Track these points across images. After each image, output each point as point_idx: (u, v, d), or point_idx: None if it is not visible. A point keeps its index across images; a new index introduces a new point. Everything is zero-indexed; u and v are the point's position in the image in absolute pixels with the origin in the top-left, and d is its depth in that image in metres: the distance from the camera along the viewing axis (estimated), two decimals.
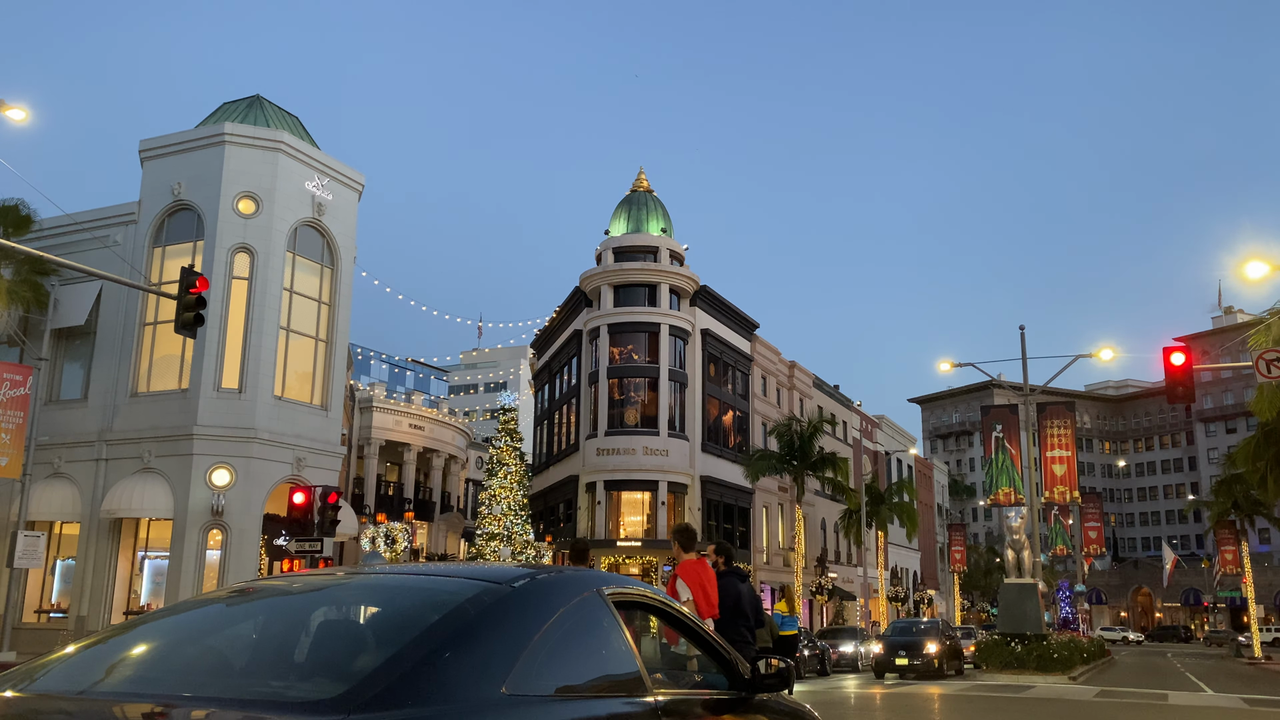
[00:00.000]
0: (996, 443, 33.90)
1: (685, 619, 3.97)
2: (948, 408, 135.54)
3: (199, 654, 3.12)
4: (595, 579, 3.48)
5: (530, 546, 38.74)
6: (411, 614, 2.97)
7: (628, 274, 48.07)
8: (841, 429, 67.80)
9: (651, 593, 3.85)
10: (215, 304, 26.01)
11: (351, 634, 3.15)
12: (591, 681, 3.13)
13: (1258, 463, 33.11)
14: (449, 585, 3.20)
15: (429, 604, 2.99)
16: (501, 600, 2.99)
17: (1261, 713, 18.23)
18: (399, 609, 3.14)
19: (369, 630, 3.12)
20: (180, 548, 26.05)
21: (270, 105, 31.45)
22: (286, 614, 3.31)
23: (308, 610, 3.30)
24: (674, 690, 3.71)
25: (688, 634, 3.98)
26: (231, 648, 3.15)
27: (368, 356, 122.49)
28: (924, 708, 18.24)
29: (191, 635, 3.29)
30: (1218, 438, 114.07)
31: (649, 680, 3.32)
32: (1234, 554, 51.16)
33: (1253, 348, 23.68)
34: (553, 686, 2.89)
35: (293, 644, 3.03)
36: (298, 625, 3.17)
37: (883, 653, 28.09)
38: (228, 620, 3.44)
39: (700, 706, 3.73)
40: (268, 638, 3.16)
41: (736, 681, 4.01)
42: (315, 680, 2.71)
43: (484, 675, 2.65)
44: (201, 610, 3.55)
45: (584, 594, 3.29)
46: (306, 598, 3.47)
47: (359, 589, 3.48)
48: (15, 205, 27.05)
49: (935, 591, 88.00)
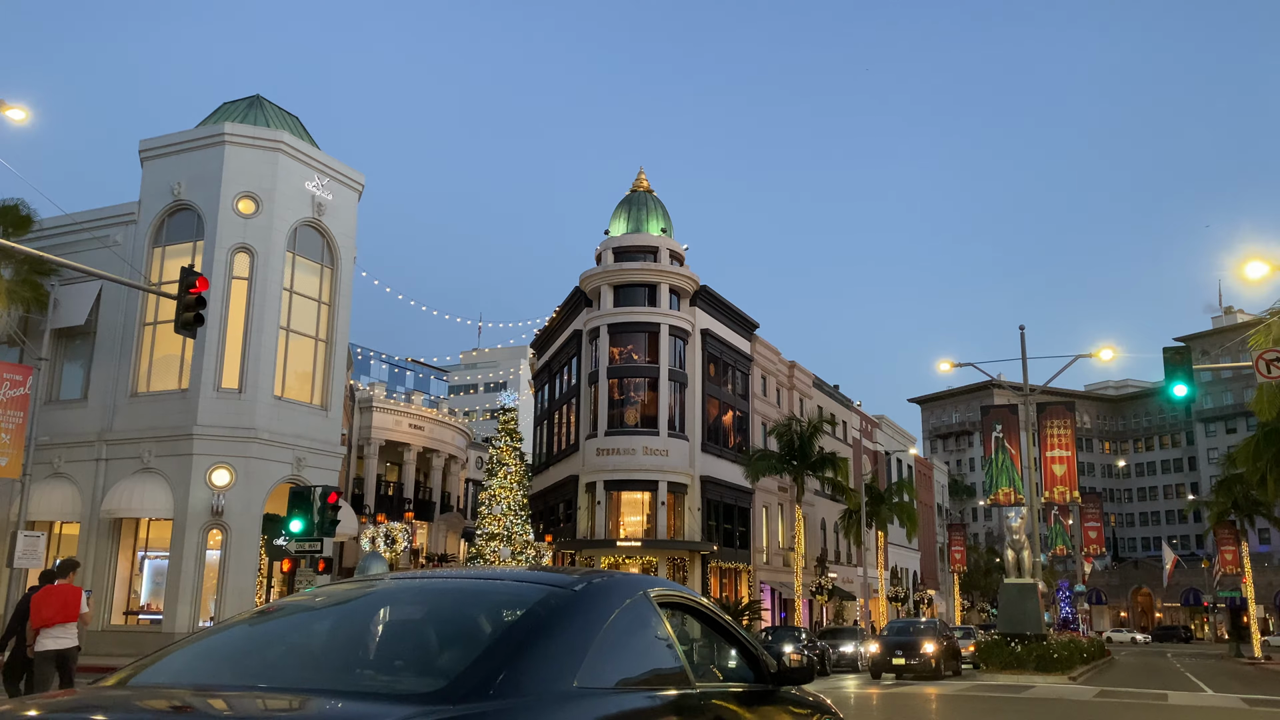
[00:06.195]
0: (996, 443, 33.89)
1: (718, 617, 4.28)
2: (948, 408, 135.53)
3: (309, 650, 3.44)
4: (643, 582, 3.79)
5: (530, 546, 38.71)
6: (492, 615, 3.32)
7: (628, 274, 48.07)
8: (841, 429, 67.81)
9: (688, 593, 4.15)
10: (215, 304, 26.00)
11: (443, 633, 3.42)
12: (646, 675, 3.45)
13: (1258, 463, 33.14)
14: (518, 589, 3.54)
15: (505, 606, 3.35)
16: (568, 602, 3.30)
17: (1261, 713, 18.24)
18: (481, 610, 3.46)
19: (458, 629, 3.40)
20: (180, 548, 26.05)
21: (270, 105, 31.45)
22: (380, 614, 3.64)
23: (400, 611, 3.65)
24: (712, 683, 4.00)
25: (720, 631, 4.30)
26: (336, 645, 3.47)
27: (368, 356, 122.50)
28: (923, 708, 18.24)
29: (299, 633, 3.63)
30: (1218, 438, 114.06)
31: (692, 673, 3.63)
32: (1234, 554, 51.15)
33: (1253, 348, 23.66)
34: (615, 680, 3.19)
35: (391, 642, 3.44)
36: (393, 624, 3.55)
37: (879, 653, 27.63)
38: (327, 620, 3.73)
39: (734, 698, 3.98)
40: (369, 636, 3.48)
41: (763, 675, 4.33)
42: (419, 674, 3.04)
43: (560, 670, 2.94)
44: (302, 610, 3.86)
45: (635, 595, 3.60)
46: (397, 599, 3.80)
47: (440, 591, 3.80)
48: (15, 205, 27.03)
49: (935, 591, 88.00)
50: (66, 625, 11.15)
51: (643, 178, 52.70)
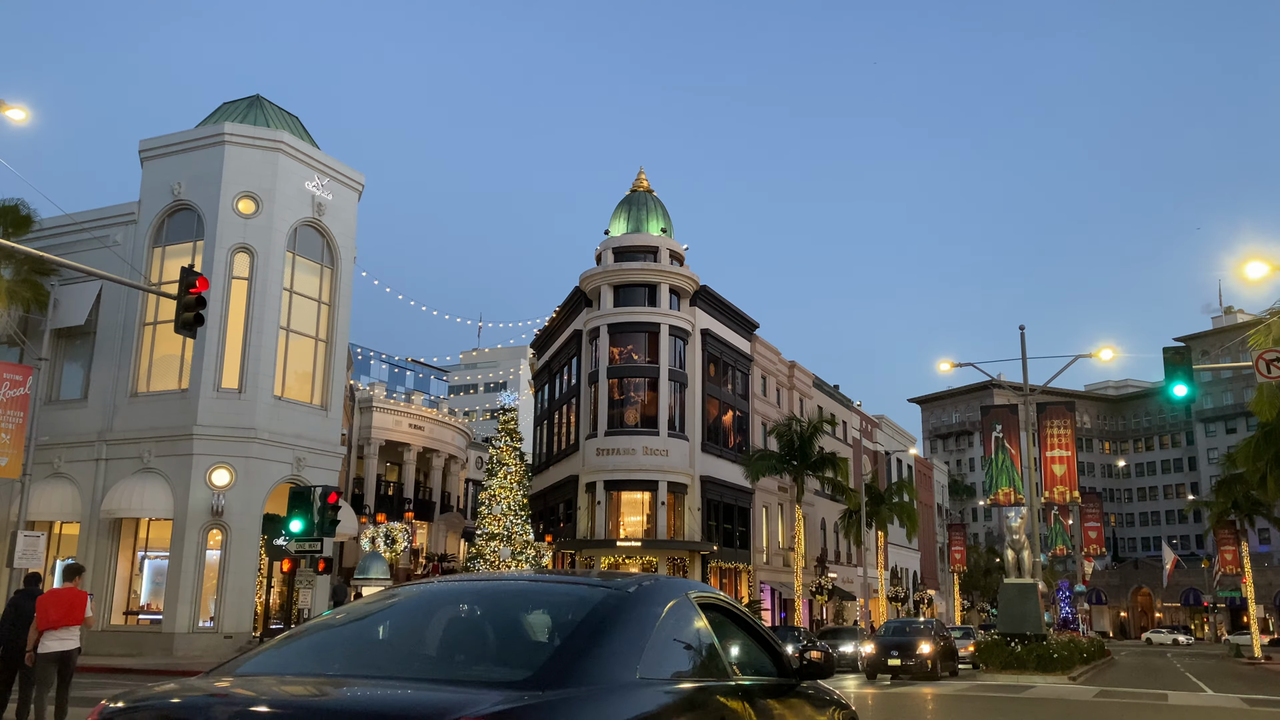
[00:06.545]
0: (996, 443, 33.88)
1: (747, 617, 4.79)
2: (948, 408, 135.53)
3: (406, 645, 3.83)
4: (684, 585, 4.26)
5: (530, 546, 38.72)
6: (562, 614, 3.74)
7: (628, 274, 48.07)
8: (841, 429, 67.79)
9: (721, 595, 4.62)
10: (215, 304, 26.01)
11: (522, 629, 3.83)
12: (693, 667, 3.90)
13: (1258, 463, 33.10)
14: (581, 592, 3.96)
15: (572, 606, 3.76)
16: (625, 603, 3.73)
17: (1261, 713, 18.24)
18: (551, 609, 3.91)
19: (534, 626, 3.81)
20: (180, 548, 26.06)
21: (270, 105, 31.44)
22: (462, 613, 4.04)
23: (480, 610, 4.04)
24: (746, 676, 4.42)
25: (748, 629, 4.78)
26: (430, 640, 3.84)
27: (368, 356, 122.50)
28: (924, 708, 18.25)
29: (392, 630, 3.99)
30: (1218, 438, 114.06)
31: (730, 667, 4.13)
32: (1234, 554, 51.13)
33: (1253, 348, 23.66)
34: (669, 671, 3.62)
35: (478, 637, 3.83)
36: (476, 621, 3.95)
37: (875, 653, 26.84)
38: (416, 617, 4.09)
39: (764, 690, 4.43)
40: (456, 632, 3.90)
41: (786, 670, 4.84)
42: (507, 665, 3.45)
43: (624, 662, 3.36)
44: (393, 607, 4.19)
45: (680, 596, 4.05)
46: (477, 598, 4.19)
47: (512, 593, 4.28)
48: (15, 205, 27.06)
49: (935, 591, 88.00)
50: (71, 628, 11.38)
51: (643, 178, 52.69)
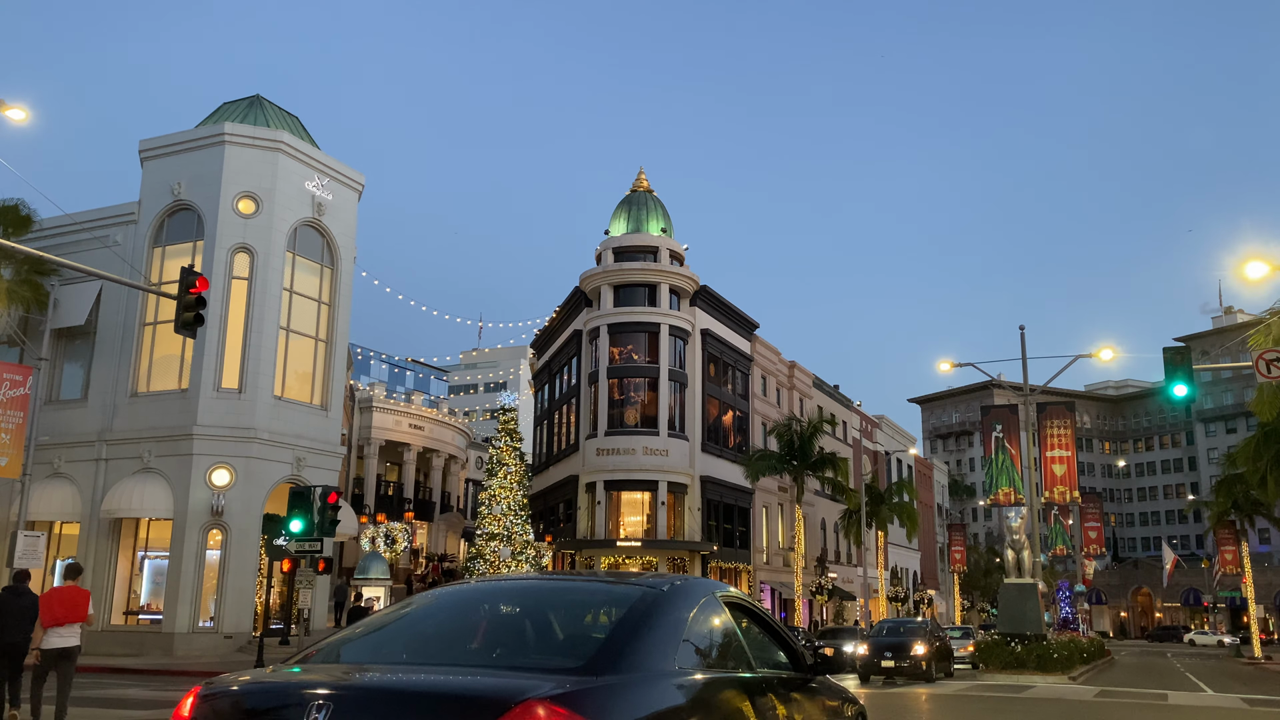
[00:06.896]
0: (996, 443, 33.87)
1: (766, 615, 5.20)
2: (948, 408, 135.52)
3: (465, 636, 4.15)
4: (711, 585, 4.68)
5: (530, 547, 38.71)
6: (606, 609, 4.17)
7: (628, 274, 48.07)
8: (841, 429, 67.78)
9: (744, 595, 5.02)
10: (215, 304, 26.02)
11: (573, 623, 4.25)
12: (722, 659, 4.33)
13: (1258, 463, 33.13)
14: (621, 590, 4.32)
15: (614, 602, 4.17)
16: (661, 600, 4.09)
17: (1261, 713, 18.24)
18: (597, 605, 4.36)
19: (582, 621, 4.26)
20: (180, 548, 26.05)
21: (270, 105, 31.44)
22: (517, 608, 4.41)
23: (532, 605, 4.41)
24: (767, 669, 4.78)
25: (766, 627, 5.17)
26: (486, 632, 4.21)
27: (368, 356, 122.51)
28: (924, 708, 18.24)
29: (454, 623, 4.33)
30: (1218, 438, 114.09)
31: (753, 660, 4.54)
32: (1234, 554, 51.10)
33: (1253, 348, 23.64)
34: (701, 662, 4.06)
35: (533, 629, 4.18)
36: (530, 615, 4.30)
37: (868, 654, 25.70)
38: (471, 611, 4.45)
39: (783, 682, 4.84)
40: (511, 624, 4.28)
41: (800, 665, 5.26)
42: (562, 655, 3.81)
43: (664, 653, 3.73)
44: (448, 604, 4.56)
45: (708, 595, 4.48)
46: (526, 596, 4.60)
47: (560, 590, 4.77)
48: (15, 205, 27.04)
49: (935, 591, 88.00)
50: (73, 625, 11.59)
51: (643, 178, 52.69)
